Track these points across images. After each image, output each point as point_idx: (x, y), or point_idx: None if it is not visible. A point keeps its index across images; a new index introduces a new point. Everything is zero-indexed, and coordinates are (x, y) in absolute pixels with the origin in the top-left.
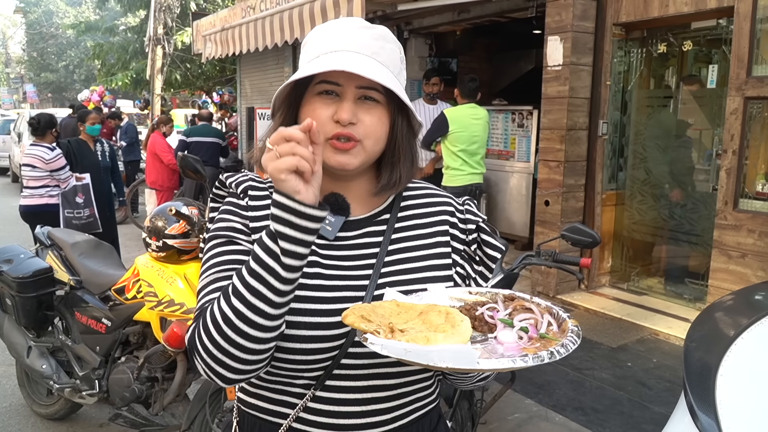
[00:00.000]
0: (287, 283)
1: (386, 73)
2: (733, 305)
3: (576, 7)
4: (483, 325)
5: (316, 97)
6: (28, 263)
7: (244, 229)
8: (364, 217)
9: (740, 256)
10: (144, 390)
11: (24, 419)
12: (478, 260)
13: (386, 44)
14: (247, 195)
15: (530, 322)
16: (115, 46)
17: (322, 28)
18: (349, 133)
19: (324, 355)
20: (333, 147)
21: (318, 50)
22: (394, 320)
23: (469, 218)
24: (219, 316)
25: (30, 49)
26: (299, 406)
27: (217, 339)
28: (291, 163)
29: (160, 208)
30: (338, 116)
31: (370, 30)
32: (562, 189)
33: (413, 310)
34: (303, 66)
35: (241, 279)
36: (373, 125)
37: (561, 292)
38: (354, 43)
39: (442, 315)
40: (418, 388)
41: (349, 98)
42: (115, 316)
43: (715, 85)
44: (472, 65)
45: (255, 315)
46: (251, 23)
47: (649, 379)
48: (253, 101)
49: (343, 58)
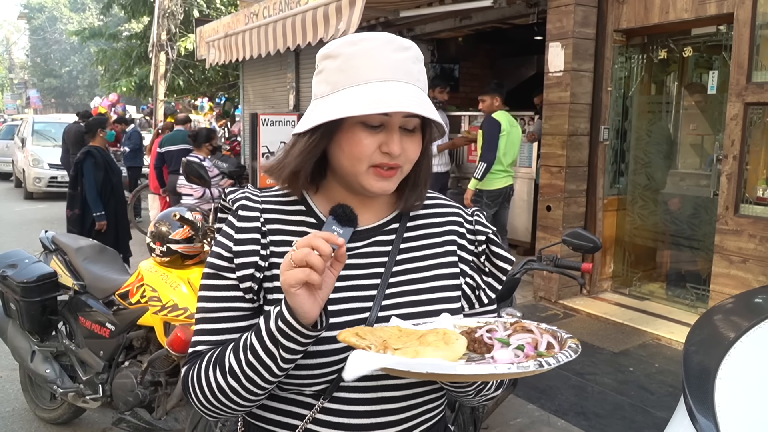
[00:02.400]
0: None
1: (428, 101)
2: (732, 309)
3: (577, 13)
4: (482, 347)
5: (359, 126)
6: (32, 268)
7: (228, 265)
8: (372, 226)
9: (741, 261)
10: (147, 394)
11: (27, 423)
12: (487, 271)
13: (420, 66)
14: (237, 213)
15: (527, 341)
16: (118, 52)
17: (356, 46)
18: (397, 164)
19: (331, 368)
20: (377, 175)
21: (361, 75)
22: (393, 341)
23: (479, 229)
24: (214, 386)
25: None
26: (307, 418)
27: (211, 399)
28: (300, 278)
29: (164, 214)
30: (389, 149)
31: (408, 52)
32: (563, 194)
33: (414, 334)
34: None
35: (238, 362)
36: (414, 152)
37: (563, 297)
38: (399, 71)
39: (439, 335)
40: (426, 400)
41: (396, 129)
42: (119, 321)
43: (715, 90)
44: (474, 71)
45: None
46: (254, 29)
47: (651, 383)
48: (255, 107)
49: (394, 91)
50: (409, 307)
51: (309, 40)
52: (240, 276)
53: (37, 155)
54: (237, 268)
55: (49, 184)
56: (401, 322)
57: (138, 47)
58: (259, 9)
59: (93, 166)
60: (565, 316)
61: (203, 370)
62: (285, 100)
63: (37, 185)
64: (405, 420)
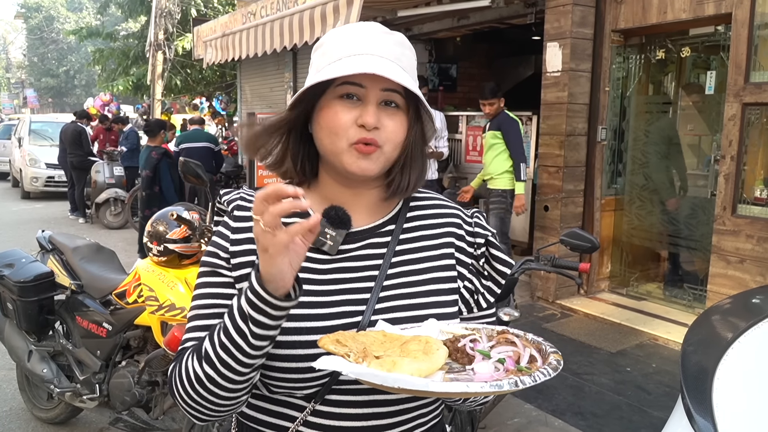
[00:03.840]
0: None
1: (409, 78)
2: (730, 309)
3: (575, 13)
4: (464, 357)
5: (336, 101)
6: (29, 267)
7: (224, 264)
8: (367, 228)
9: (739, 261)
10: (144, 394)
11: (24, 423)
12: (486, 275)
13: (405, 50)
14: (232, 214)
15: (509, 355)
16: (115, 51)
17: (340, 32)
18: (372, 138)
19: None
20: (357, 151)
21: (339, 53)
22: (375, 348)
23: (479, 231)
24: (192, 375)
25: (31, 54)
26: (298, 421)
27: (189, 392)
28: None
29: (162, 213)
30: (363, 120)
31: (391, 36)
32: (561, 194)
33: (398, 340)
34: (323, 68)
35: (212, 345)
36: (395, 131)
37: (560, 297)
38: (377, 48)
39: (421, 344)
40: (422, 404)
41: (373, 102)
42: (116, 321)
43: (713, 91)
44: (472, 71)
45: (222, 379)
46: (252, 29)
47: (648, 383)
48: (253, 106)
49: (369, 61)
50: (404, 311)
51: (306, 39)
52: (237, 276)
53: (34, 155)
54: (234, 268)
55: (46, 184)
56: (387, 326)
57: (135, 47)
58: (257, 8)
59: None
60: (563, 316)
61: (184, 362)
62: (282, 100)
63: (34, 185)
64: (399, 423)
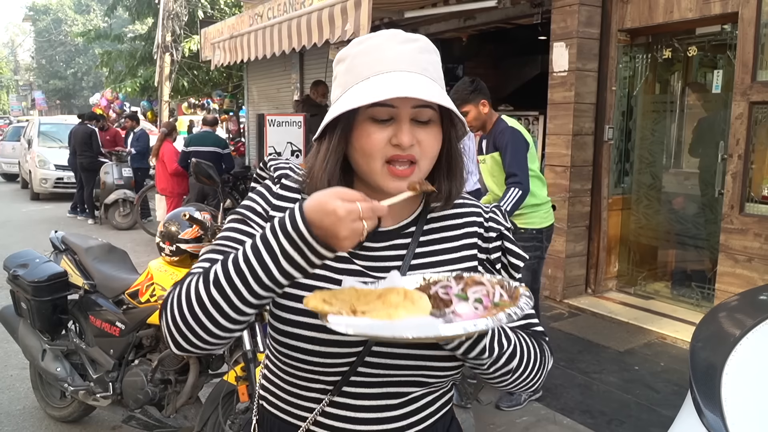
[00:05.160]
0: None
1: (439, 90)
2: (738, 306)
3: (581, 13)
4: (438, 302)
5: (368, 122)
6: (43, 267)
7: (263, 213)
8: (392, 228)
9: (747, 259)
10: (157, 392)
11: (38, 422)
12: (498, 269)
13: (430, 56)
14: (280, 182)
15: (483, 293)
16: (123, 53)
17: (362, 45)
18: (409, 156)
19: (341, 359)
20: (392, 174)
21: (366, 71)
22: (355, 303)
23: (492, 226)
24: (193, 297)
25: (39, 57)
26: (317, 410)
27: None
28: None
29: (174, 213)
30: (399, 140)
31: (415, 42)
32: (568, 194)
33: (372, 294)
34: (350, 87)
35: (225, 272)
36: (430, 145)
37: (568, 297)
38: (403, 62)
39: (400, 295)
40: (433, 393)
41: (406, 120)
42: (129, 320)
43: (720, 90)
44: (479, 71)
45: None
46: (259, 31)
47: (656, 382)
48: (260, 107)
49: (398, 81)
50: None
51: (314, 41)
52: None
53: (44, 156)
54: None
55: (56, 185)
56: (355, 282)
57: (142, 49)
58: (264, 10)
59: None
60: (570, 315)
61: (186, 284)
62: (289, 101)
63: (44, 186)
64: (412, 413)
